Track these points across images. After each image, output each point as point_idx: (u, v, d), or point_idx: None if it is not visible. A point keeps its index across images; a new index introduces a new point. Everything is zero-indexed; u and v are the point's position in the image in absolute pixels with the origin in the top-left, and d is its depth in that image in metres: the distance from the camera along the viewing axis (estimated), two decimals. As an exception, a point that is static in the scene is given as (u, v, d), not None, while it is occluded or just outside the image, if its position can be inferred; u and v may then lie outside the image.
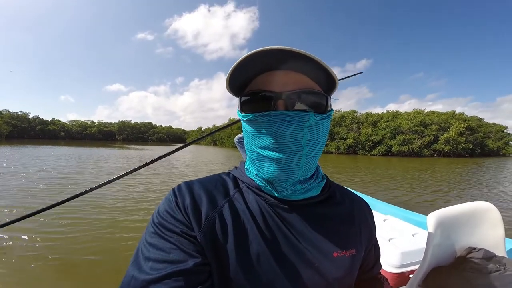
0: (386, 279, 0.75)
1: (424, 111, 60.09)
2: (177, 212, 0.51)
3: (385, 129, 54.20)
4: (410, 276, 1.30)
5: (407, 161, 32.42)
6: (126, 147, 44.78)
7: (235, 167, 0.65)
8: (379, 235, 0.68)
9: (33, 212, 3.39)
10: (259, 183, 0.56)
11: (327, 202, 0.60)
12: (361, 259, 0.62)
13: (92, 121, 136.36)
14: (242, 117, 0.55)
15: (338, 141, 55.22)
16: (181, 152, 33.46)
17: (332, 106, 0.58)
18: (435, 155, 51.26)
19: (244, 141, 0.59)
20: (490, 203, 1.30)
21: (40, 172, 10.42)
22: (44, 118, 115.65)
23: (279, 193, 0.55)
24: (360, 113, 63.37)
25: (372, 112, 63.99)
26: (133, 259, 0.48)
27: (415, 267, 1.71)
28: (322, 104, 0.52)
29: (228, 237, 0.50)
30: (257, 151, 0.53)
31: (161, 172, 12.77)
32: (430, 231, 1.17)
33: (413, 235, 2.06)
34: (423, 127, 53.12)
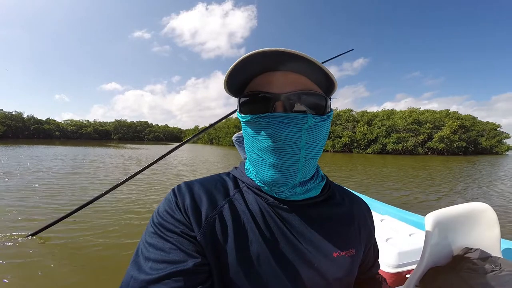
0: (385, 279, 0.75)
1: (419, 110, 60.73)
2: (177, 212, 0.51)
3: (380, 128, 54.75)
4: (407, 276, 1.30)
5: (402, 159, 32.70)
6: (122, 147, 44.17)
7: (235, 167, 0.65)
8: (376, 235, 0.71)
9: (68, 214, 3.51)
10: (259, 184, 0.56)
11: (327, 203, 0.61)
12: (361, 259, 0.63)
13: (88, 120, 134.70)
14: (241, 119, 0.55)
15: (334, 140, 55.66)
16: (178, 152, 33.36)
17: (331, 105, 0.58)
18: (429, 153, 51.98)
19: (244, 142, 0.58)
20: (487, 204, 1.32)
21: (37, 173, 10.39)
22: (39, 118, 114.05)
23: (278, 195, 0.55)
24: (356, 112, 63.97)
25: (368, 111, 64.64)
26: (133, 259, 0.48)
27: (412, 267, 1.72)
28: (321, 105, 0.52)
29: (228, 237, 0.50)
30: (257, 153, 0.53)
31: (159, 172, 12.79)
32: (428, 231, 1.19)
33: (410, 235, 2.08)
34: (418, 126, 53.73)
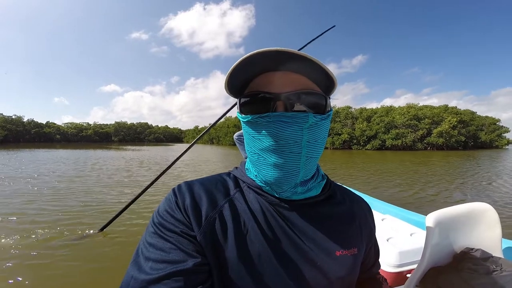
0: (385, 279, 0.75)
1: (417, 106, 60.83)
2: (177, 212, 0.51)
3: (379, 124, 54.93)
4: (408, 276, 1.31)
5: (402, 155, 32.68)
6: (123, 148, 44.28)
7: (236, 167, 0.65)
8: (377, 235, 0.72)
9: (124, 207, 3.71)
10: (260, 184, 0.56)
11: (328, 202, 0.61)
12: (362, 258, 0.63)
13: (88, 123, 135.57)
14: (242, 119, 0.55)
15: (333, 137, 55.85)
16: (179, 152, 33.32)
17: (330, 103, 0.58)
18: (429, 148, 52.16)
19: (245, 142, 0.58)
20: (488, 204, 1.31)
21: (43, 176, 10.51)
22: (39, 121, 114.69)
23: (280, 194, 0.55)
24: (354, 109, 64.14)
25: (367, 108, 64.82)
26: (133, 259, 0.48)
27: (413, 267, 1.71)
28: (322, 105, 0.52)
29: (228, 237, 0.50)
30: (258, 153, 0.53)
31: (160, 171, 12.70)
32: (429, 231, 1.19)
33: (411, 235, 2.07)
34: (416, 121, 53.90)
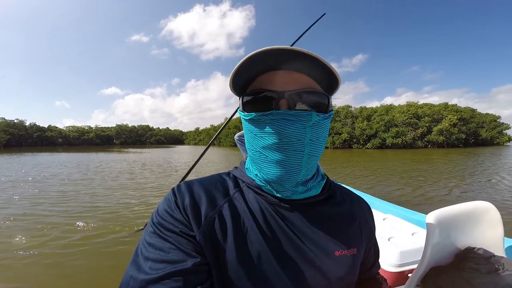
0: (385, 279, 0.75)
1: (417, 104, 60.91)
2: (177, 212, 0.51)
3: (379, 123, 54.99)
4: (409, 275, 1.31)
5: (402, 153, 32.63)
6: (125, 151, 44.26)
7: (235, 167, 0.66)
8: (379, 234, 0.71)
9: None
10: (260, 183, 0.56)
11: (328, 202, 0.61)
12: (362, 259, 0.63)
13: (89, 126, 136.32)
14: (244, 117, 0.55)
15: (333, 136, 55.96)
16: (180, 154, 33.61)
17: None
18: (429, 146, 52.22)
19: (246, 141, 0.58)
20: (490, 203, 1.30)
21: (46, 180, 10.66)
22: (41, 125, 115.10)
23: (280, 194, 0.55)
24: (354, 108, 64.29)
25: (367, 107, 65.06)
26: (132, 259, 0.48)
27: (414, 266, 1.68)
28: (324, 104, 0.53)
29: (228, 237, 0.50)
30: (260, 151, 0.53)
31: (163, 173, 13.07)
32: (429, 230, 1.18)
33: (413, 234, 2.05)
34: (416, 119, 54.09)
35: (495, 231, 1.30)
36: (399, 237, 2.01)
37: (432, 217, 1.18)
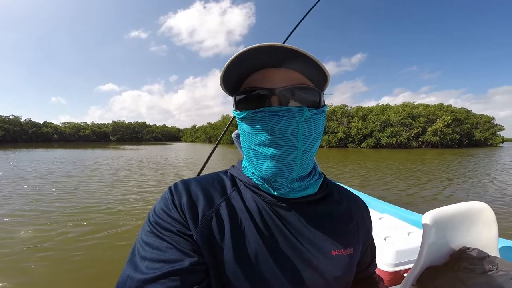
0: (381, 279, 0.74)
1: (413, 104, 61.37)
2: (173, 211, 0.51)
3: (375, 122, 55.42)
4: (405, 275, 1.32)
5: (397, 153, 32.90)
6: (121, 148, 43.74)
7: (233, 166, 0.65)
8: (375, 234, 0.72)
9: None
10: (256, 182, 0.56)
11: (325, 201, 0.60)
12: (359, 258, 0.62)
13: (85, 123, 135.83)
14: (238, 115, 0.55)
15: (329, 135, 56.22)
16: (177, 151, 33.63)
17: (326, 101, 0.58)
18: (423, 146, 52.78)
19: (241, 139, 0.58)
20: (485, 203, 1.31)
21: (44, 176, 10.75)
22: (36, 121, 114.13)
23: (277, 191, 0.54)
24: (351, 107, 64.59)
25: (363, 106, 65.39)
26: (129, 258, 0.48)
27: (410, 266, 1.70)
28: (315, 100, 0.53)
29: (225, 236, 0.50)
30: (254, 149, 0.53)
31: (159, 169, 13.15)
32: (425, 230, 1.18)
33: (409, 234, 2.05)
34: (411, 120, 54.53)
35: (490, 231, 1.31)
36: (395, 237, 2.01)
37: (429, 217, 1.19)
